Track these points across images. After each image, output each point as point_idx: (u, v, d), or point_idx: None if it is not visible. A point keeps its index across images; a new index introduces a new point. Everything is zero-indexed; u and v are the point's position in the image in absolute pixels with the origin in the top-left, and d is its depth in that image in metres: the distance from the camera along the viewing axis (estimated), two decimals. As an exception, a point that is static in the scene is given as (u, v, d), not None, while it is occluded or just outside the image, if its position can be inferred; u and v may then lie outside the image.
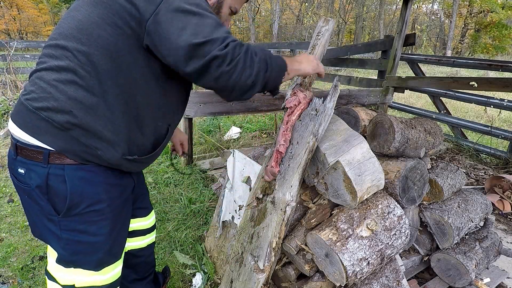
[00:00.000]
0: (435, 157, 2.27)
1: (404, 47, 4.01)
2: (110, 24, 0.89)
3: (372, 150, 1.33)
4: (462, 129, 4.31)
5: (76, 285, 1.07)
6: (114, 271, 1.15)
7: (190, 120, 2.70)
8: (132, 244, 1.44)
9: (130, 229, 1.34)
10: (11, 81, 5.84)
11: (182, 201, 2.61)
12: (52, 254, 1.06)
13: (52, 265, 1.07)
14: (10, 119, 0.99)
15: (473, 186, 3.20)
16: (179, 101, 1.16)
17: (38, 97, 0.90)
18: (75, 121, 0.90)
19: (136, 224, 1.42)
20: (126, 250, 1.41)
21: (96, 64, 0.90)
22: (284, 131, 1.34)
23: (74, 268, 1.05)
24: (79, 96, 0.90)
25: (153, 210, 1.52)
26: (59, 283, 1.07)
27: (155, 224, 1.55)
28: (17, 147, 0.95)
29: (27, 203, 1.01)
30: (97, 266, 1.08)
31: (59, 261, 1.05)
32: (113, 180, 1.05)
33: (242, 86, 0.92)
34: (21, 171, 0.95)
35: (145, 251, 1.50)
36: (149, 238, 1.51)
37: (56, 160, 0.93)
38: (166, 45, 0.88)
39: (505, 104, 3.64)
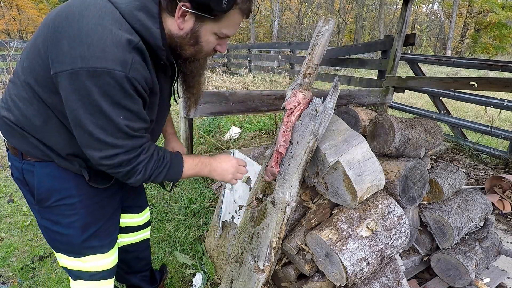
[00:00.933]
0: (435, 157, 2.27)
1: (404, 47, 4.00)
2: (43, 54, 0.83)
3: (372, 150, 1.33)
4: (462, 129, 4.30)
5: (68, 268, 1.16)
6: (98, 262, 1.17)
7: (190, 120, 2.70)
8: (124, 239, 1.46)
9: (122, 225, 1.40)
10: (11, 81, 5.83)
11: (182, 201, 2.61)
12: None
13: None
14: None
15: (473, 186, 3.20)
16: None
17: (2, 107, 0.97)
18: (29, 135, 0.95)
19: (128, 220, 1.43)
20: (118, 246, 1.42)
21: (33, 89, 0.89)
22: (284, 131, 1.34)
23: (60, 253, 1.13)
24: (29, 114, 0.92)
25: (147, 208, 1.53)
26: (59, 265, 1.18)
27: (149, 221, 1.56)
28: (5, 143, 1.04)
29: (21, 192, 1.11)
30: (75, 254, 1.13)
31: (49, 245, 1.14)
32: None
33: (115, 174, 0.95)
34: (10, 163, 1.05)
35: (137, 247, 1.51)
36: (142, 234, 1.52)
37: (28, 157, 0.99)
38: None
39: (505, 104, 3.64)
